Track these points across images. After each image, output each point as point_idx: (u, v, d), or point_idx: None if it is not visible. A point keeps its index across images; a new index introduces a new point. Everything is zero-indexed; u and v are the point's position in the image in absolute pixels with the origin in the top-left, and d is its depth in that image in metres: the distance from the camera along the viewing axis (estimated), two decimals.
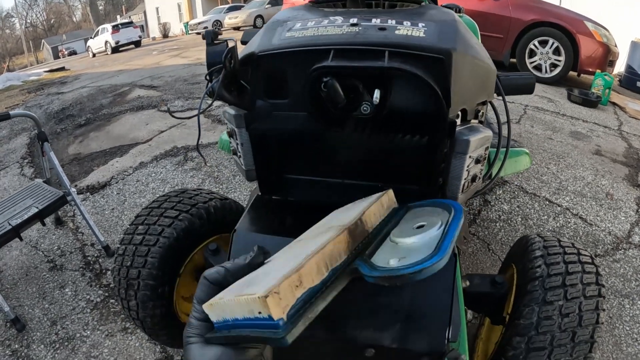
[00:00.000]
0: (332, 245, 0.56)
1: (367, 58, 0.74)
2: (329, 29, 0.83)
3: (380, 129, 0.83)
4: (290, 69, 0.83)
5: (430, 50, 0.75)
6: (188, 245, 1.22)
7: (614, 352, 1.61)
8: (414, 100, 0.78)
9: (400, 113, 0.80)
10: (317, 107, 0.79)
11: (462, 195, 0.88)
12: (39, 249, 2.36)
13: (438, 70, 0.75)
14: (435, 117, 0.77)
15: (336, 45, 0.77)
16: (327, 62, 0.73)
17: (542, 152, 3.08)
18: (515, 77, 1.12)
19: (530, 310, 0.98)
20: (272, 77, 0.85)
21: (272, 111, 0.87)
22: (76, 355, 1.66)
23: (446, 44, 0.76)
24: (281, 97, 0.87)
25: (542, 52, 5.04)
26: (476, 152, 0.83)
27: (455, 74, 0.76)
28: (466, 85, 0.82)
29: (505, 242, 2.13)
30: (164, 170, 3.05)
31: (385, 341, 0.76)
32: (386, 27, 0.81)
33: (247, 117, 0.89)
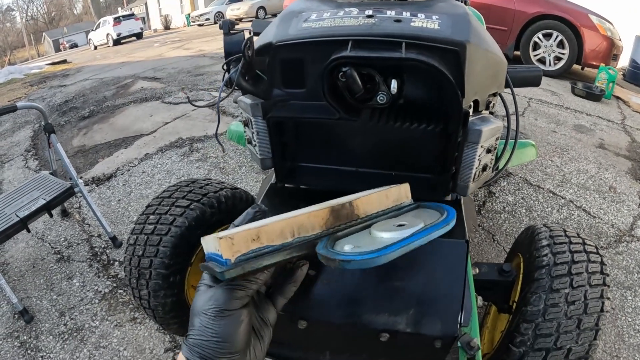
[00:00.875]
0: (306, 217, 0.61)
1: (384, 49, 0.76)
2: (345, 20, 0.84)
3: (395, 118, 0.84)
4: (308, 59, 0.84)
5: (446, 42, 0.77)
6: (199, 234, 1.23)
7: (616, 342, 1.63)
8: (428, 90, 0.80)
9: (415, 103, 0.81)
10: (334, 97, 0.80)
11: (473, 184, 0.90)
12: (46, 240, 2.38)
13: (452, 61, 0.76)
14: (450, 107, 0.78)
15: (354, 36, 0.78)
16: (346, 52, 0.74)
17: (546, 145, 3.08)
18: (523, 69, 1.13)
19: (537, 298, 1.00)
20: (289, 66, 0.86)
21: (289, 100, 0.88)
22: (85, 345, 1.68)
23: (460, 36, 0.77)
24: (298, 87, 0.88)
25: (546, 45, 5.02)
26: (487, 142, 0.84)
27: (469, 66, 0.77)
28: (479, 76, 0.83)
29: (510, 233, 2.15)
30: (170, 162, 3.06)
31: (399, 326, 0.77)
32: (402, 19, 0.82)
33: (263, 106, 0.90)
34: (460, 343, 0.78)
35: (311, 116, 0.87)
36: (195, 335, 0.53)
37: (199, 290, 0.56)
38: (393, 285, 0.80)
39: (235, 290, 0.55)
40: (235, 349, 0.53)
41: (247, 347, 0.56)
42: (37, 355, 1.67)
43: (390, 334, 0.78)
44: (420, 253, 0.79)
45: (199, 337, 0.52)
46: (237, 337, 0.53)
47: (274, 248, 0.56)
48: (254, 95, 0.93)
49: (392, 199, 0.76)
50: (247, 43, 0.78)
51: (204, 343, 0.52)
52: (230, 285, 0.55)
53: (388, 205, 0.75)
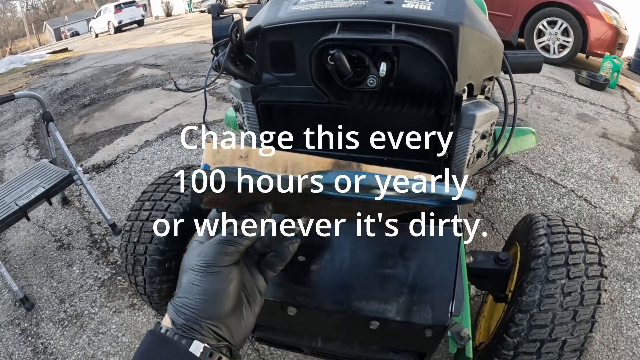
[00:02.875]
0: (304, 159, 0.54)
1: (373, 31, 0.74)
2: (336, 2, 0.82)
3: (386, 102, 0.82)
4: (297, 42, 0.83)
5: (437, 24, 0.75)
6: (194, 219, 1.23)
7: (614, 334, 1.62)
8: (420, 73, 0.78)
9: (406, 86, 0.79)
10: (323, 80, 0.79)
11: (467, 170, 0.88)
12: (46, 228, 2.39)
13: (445, 44, 0.75)
14: (442, 91, 0.77)
15: (343, 18, 0.77)
16: (333, 35, 0.73)
17: (548, 133, 3.05)
18: (523, 55, 1.11)
19: (533, 288, 0.99)
20: (278, 50, 0.85)
21: (279, 84, 0.87)
22: (85, 331, 1.70)
23: (453, 18, 0.75)
24: (288, 71, 0.87)
25: (551, 33, 4.95)
26: (482, 127, 0.83)
27: (462, 48, 0.76)
28: (473, 60, 0.81)
29: (509, 222, 2.14)
30: (169, 149, 3.06)
31: (389, 314, 0.77)
32: (393, 1, 0.80)
33: (253, 91, 0.89)
34: (450, 333, 0.77)
35: (300, 100, 0.86)
36: (181, 294, 0.50)
37: (190, 247, 0.55)
38: (384, 272, 0.79)
39: (225, 245, 0.52)
40: (222, 310, 0.50)
41: (235, 310, 0.53)
42: (37, 342, 1.69)
43: (380, 322, 0.77)
44: (412, 240, 0.78)
45: (185, 296, 0.50)
46: (225, 295, 0.51)
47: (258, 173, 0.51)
48: (244, 80, 0.91)
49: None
50: (234, 26, 0.76)
51: (189, 302, 0.49)
52: (220, 240, 0.52)
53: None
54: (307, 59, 0.80)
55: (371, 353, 0.91)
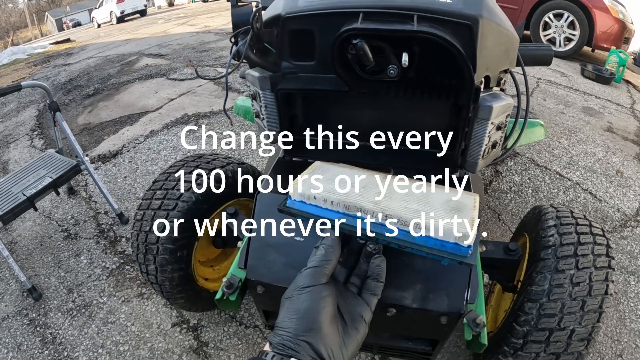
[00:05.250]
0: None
1: (396, 21, 0.74)
2: None
3: (405, 91, 0.82)
4: (317, 31, 0.83)
5: (458, 15, 0.75)
6: (206, 209, 1.24)
7: (618, 327, 1.63)
8: (440, 64, 0.78)
9: (426, 76, 0.79)
10: (344, 69, 0.79)
11: (482, 161, 0.89)
12: (53, 218, 2.40)
13: (464, 36, 0.75)
14: (461, 81, 0.77)
15: (365, 8, 0.77)
16: (357, 25, 0.73)
17: (554, 126, 3.05)
18: (534, 47, 1.11)
19: (542, 278, 1.00)
20: (298, 38, 0.85)
21: (298, 72, 0.87)
22: (93, 321, 1.71)
23: (473, 10, 0.76)
24: (307, 59, 0.87)
25: (557, 26, 4.92)
26: (498, 118, 0.83)
27: (481, 40, 0.76)
28: (491, 52, 0.81)
29: (516, 213, 2.15)
30: (175, 138, 3.05)
31: (406, 301, 0.78)
32: None
33: (272, 79, 0.89)
34: (466, 320, 0.79)
35: (321, 88, 0.86)
36: (279, 320, 0.54)
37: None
38: (401, 260, 0.80)
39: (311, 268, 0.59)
40: (316, 324, 0.52)
41: (332, 329, 0.54)
42: (46, 332, 1.70)
43: (397, 309, 0.79)
44: None
45: (282, 320, 0.53)
46: (318, 311, 0.53)
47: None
48: (262, 68, 0.91)
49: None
50: (255, 15, 0.76)
51: (285, 323, 0.52)
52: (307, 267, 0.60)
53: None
54: (327, 47, 0.81)
55: (385, 340, 0.92)
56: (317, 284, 0.57)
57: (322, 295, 0.55)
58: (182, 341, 1.57)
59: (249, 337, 1.56)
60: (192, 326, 1.62)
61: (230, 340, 1.56)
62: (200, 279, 1.36)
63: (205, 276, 1.41)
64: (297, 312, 0.53)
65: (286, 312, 0.54)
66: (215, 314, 1.64)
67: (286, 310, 0.54)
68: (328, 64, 0.80)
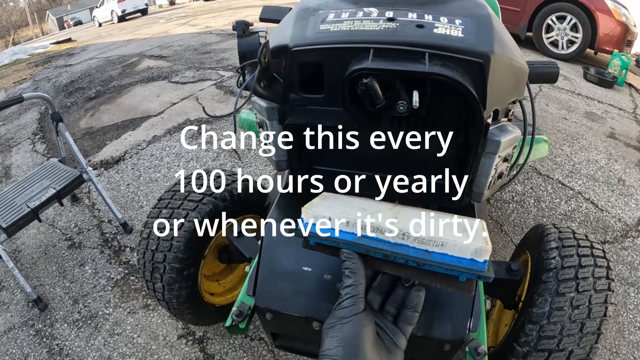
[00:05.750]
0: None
1: (407, 59, 0.74)
2: (365, 23, 0.81)
3: (415, 127, 0.83)
4: (327, 65, 0.83)
5: (470, 53, 0.75)
6: (212, 227, 1.25)
7: (617, 339, 1.65)
8: (450, 101, 0.79)
9: (435, 113, 0.80)
10: (354, 106, 0.79)
11: (488, 191, 0.90)
12: (56, 227, 2.41)
13: (476, 73, 0.75)
14: (471, 119, 0.78)
15: (375, 44, 0.76)
16: (367, 64, 0.72)
17: (556, 133, 3.06)
18: (540, 65, 1.12)
19: (543, 300, 1.02)
20: (306, 71, 0.85)
21: (306, 105, 0.87)
22: (99, 332, 1.72)
23: (485, 47, 0.75)
24: (316, 92, 0.87)
25: (560, 28, 4.91)
26: (505, 151, 0.84)
27: (492, 77, 0.76)
28: (501, 86, 0.82)
29: (518, 224, 2.16)
30: (178, 144, 3.06)
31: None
32: (424, 25, 0.80)
33: (279, 111, 0.90)
34: (468, 348, 0.80)
35: (330, 123, 0.87)
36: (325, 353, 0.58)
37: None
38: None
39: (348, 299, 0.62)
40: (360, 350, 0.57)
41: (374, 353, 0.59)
42: (52, 343, 1.71)
43: None
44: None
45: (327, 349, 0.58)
46: (361, 338, 0.58)
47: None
48: (270, 100, 0.92)
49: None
50: (263, 48, 0.76)
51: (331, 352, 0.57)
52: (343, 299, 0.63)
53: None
54: (336, 81, 0.81)
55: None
56: (358, 313, 0.61)
57: (364, 324, 0.60)
58: (188, 353, 1.59)
59: (255, 350, 1.58)
60: (197, 338, 1.64)
61: (236, 352, 1.58)
62: (207, 294, 1.37)
63: (211, 291, 1.43)
64: (343, 341, 0.57)
65: (331, 341, 0.58)
66: (221, 326, 1.66)
67: (330, 339, 0.58)
68: (338, 97, 0.80)
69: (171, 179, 2.65)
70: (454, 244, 0.65)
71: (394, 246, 0.67)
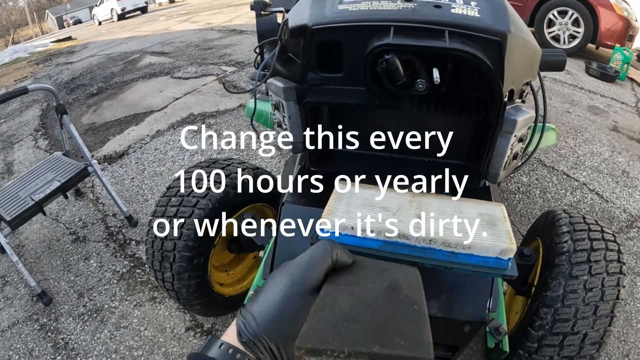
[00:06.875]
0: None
1: (427, 37, 0.74)
2: (383, 3, 0.82)
3: (435, 106, 0.83)
4: (346, 44, 0.82)
5: (488, 32, 0.75)
6: (222, 216, 1.24)
7: (625, 327, 1.65)
8: (469, 79, 0.78)
9: (455, 91, 0.80)
10: (375, 83, 0.79)
11: (503, 172, 0.90)
12: (60, 221, 2.40)
13: (494, 51, 0.75)
14: (490, 97, 0.78)
15: (395, 22, 0.76)
16: (389, 40, 0.72)
17: (560, 126, 3.06)
18: (548, 53, 1.12)
19: (557, 284, 1.02)
20: (325, 50, 0.84)
21: (325, 84, 0.87)
22: (105, 326, 1.71)
23: (502, 26, 0.76)
24: (335, 71, 0.86)
25: (561, 23, 4.91)
26: (520, 131, 0.84)
27: (509, 56, 0.76)
28: (517, 66, 0.82)
29: (524, 215, 2.16)
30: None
31: (432, 310, 0.79)
32: (441, 5, 0.80)
33: (298, 90, 0.89)
34: (488, 328, 0.80)
35: (350, 102, 0.86)
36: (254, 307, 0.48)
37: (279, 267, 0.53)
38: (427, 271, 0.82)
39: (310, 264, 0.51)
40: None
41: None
42: (58, 337, 1.70)
43: None
44: None
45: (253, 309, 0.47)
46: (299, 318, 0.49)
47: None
48: (287, 79, 0.91)
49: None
50: (283, 26, 0.76)
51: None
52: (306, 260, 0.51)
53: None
54: (355, 60, 0.80)
55: None
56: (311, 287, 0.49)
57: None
58: (196, 345, 1.58)
59: None
60: (206, 330, 1.63)
61: None
62: (216, 284, 1.36)
63: (220, 281, 1.42)
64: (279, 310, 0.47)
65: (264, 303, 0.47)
66: (229, 318, 1.64)
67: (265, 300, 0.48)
68: (356, 76, 0.80)
69: (176, 172, 2.64)
70: (480, 246, 0.64)
71: (421, 250, 0.66)
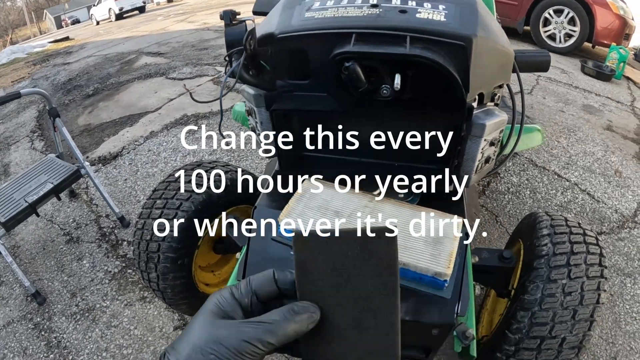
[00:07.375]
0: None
1: (388, 43, 0.74)
2: (349, 10, 0.82)
3: (398, 110, 0.83)
4: (311, 51, 0.83)
5: (452, 36, 0.75)
6: (206, 217, 1.26)
7: (613, 329, 1.65)
8: (432, 84, 0.79)
9: (419, 96, 0.80)
10: (339, 90, 0.80)
11: (475, 176, 0.90)
12: (55, 222, 2.42)
13: (458, 56, 0.75)
14: (453, 102, 0.78)
15: (357, 29, 0.77)
16: (349, 48, 0.73)
17: (553, 125, 3.06)
18: (531, 54, 1.12)
19: (534, 287, 1.02)
20: (292, 58, 0.85)
21: (293, 91, 0.88)
22: (97, 325, 1.74)
23: (467, 30, 0.76)
24: (302, 78, 0.87)
25: (557, 22, 4.90)
26: (491, 135, 0.85)
27: (475, 60, 0.76)
28: (485, 70, 0.82)
29: (513, 215, 2.16)
30: (175, 139, 3.07)
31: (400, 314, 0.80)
32: (407, 10, 0.80)
33: (267, 97, 0.90)
34: (455, 332, 0.81)
35: (317, 108, 0.87)
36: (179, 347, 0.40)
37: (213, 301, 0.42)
38: None
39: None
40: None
41: None
42: (51, 336, 1.73)
43: None
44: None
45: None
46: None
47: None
48: (257, 87, 0.92)
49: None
50: (248, 35, 0.77)
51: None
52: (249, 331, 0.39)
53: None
54: (320, 67, 0.81)
55: None
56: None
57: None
58: None
59: None
60: None
61: None
62: (201, 284, 1.38)
63: (206, 282, 1.44)
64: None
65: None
66: None
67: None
68: (322, 83, 0.81)
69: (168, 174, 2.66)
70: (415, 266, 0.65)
71: None
